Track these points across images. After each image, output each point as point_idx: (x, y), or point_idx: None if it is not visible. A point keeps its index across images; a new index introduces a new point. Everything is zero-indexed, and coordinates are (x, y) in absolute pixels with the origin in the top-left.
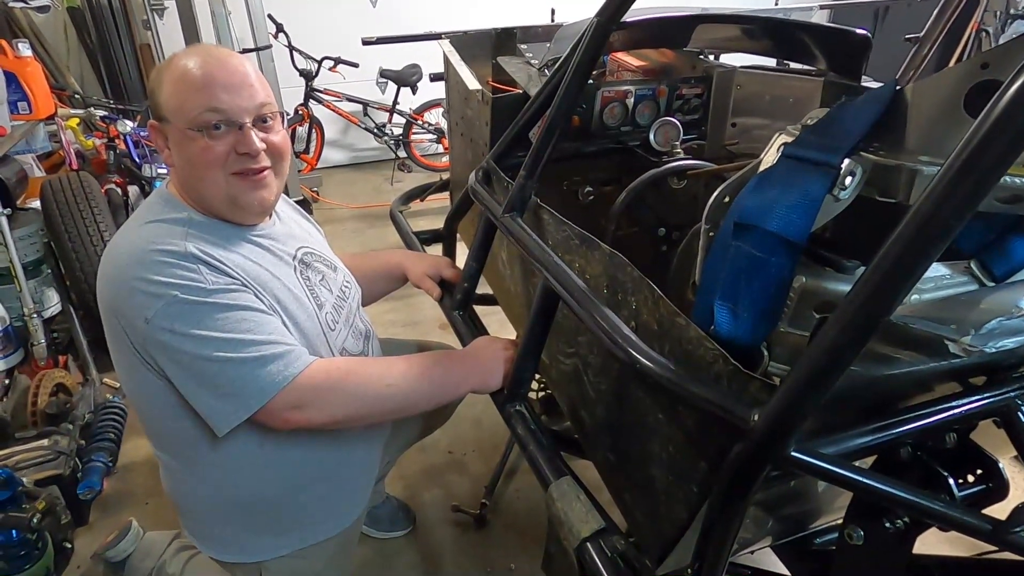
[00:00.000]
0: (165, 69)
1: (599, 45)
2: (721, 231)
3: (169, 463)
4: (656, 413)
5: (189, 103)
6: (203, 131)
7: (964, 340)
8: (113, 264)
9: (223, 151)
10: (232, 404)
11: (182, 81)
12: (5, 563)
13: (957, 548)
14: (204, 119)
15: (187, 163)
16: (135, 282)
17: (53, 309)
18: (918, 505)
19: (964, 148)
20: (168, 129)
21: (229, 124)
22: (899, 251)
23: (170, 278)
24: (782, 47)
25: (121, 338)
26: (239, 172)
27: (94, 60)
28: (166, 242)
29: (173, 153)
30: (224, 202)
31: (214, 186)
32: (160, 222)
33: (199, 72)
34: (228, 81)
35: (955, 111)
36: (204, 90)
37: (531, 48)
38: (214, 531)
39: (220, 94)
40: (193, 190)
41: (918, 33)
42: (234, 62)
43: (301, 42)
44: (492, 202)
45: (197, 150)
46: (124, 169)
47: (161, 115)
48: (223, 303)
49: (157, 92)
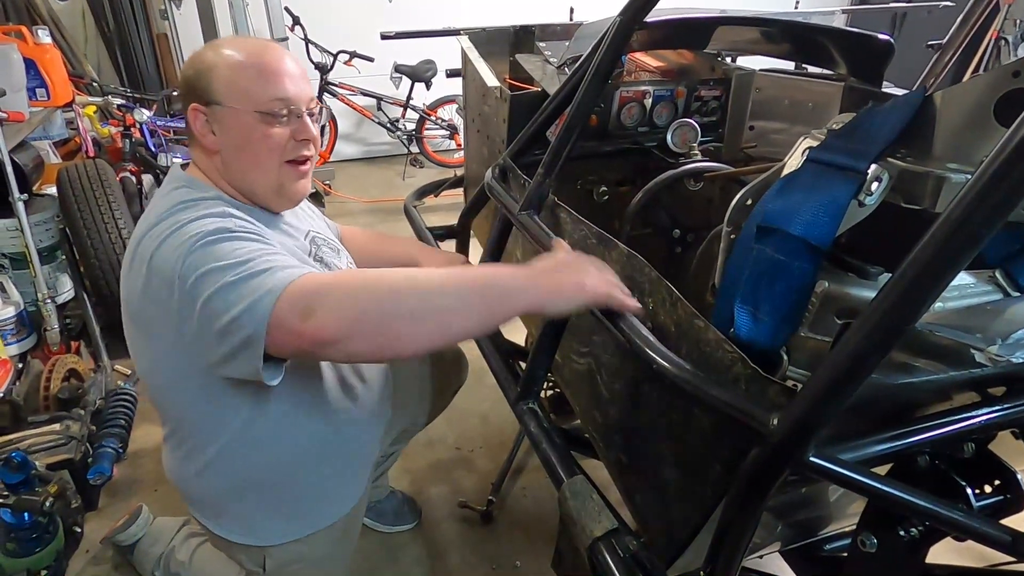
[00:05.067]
0: (215, 55)
1: (621, 44)
2: (743, 234)
3: (186, 446)
4: (671, 415)
5: (257, 89)
6: (270, 117)
7: (991, 350)
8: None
9: (285, 138)
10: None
11: (250, 68)
12: (17, 545)
13: (965, 559)
14: (272, 106)
15: (242, 147)
16: (171, 247)
17: (67, 295)
18: (937, 514)
19: (996, 156)
20: (221, 113)
21: (292, 113)
22: (927, 258)
23: (199, 229)
24: (802, 51)
25: (153, 306)
26: (292, 160)
27: (111, 48)
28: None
29: (221, 137)
30: (270, 189)
31: (266, 173)
32: (189, 200)
33: (267, 60)
34: (293, 72)
35: (985, 119)
36: (274, 78)
37: (549, 46)
38: (224, 511)
39: (288, 84)
40: (238, 173)
41: (938, 39)
42: (291, 56)
43: (317, 35)
44: (509, 199)
45: (259, 135)
46: (139, 158)
47: (211, 99)
48: (237, 235)
49: (206, 76)
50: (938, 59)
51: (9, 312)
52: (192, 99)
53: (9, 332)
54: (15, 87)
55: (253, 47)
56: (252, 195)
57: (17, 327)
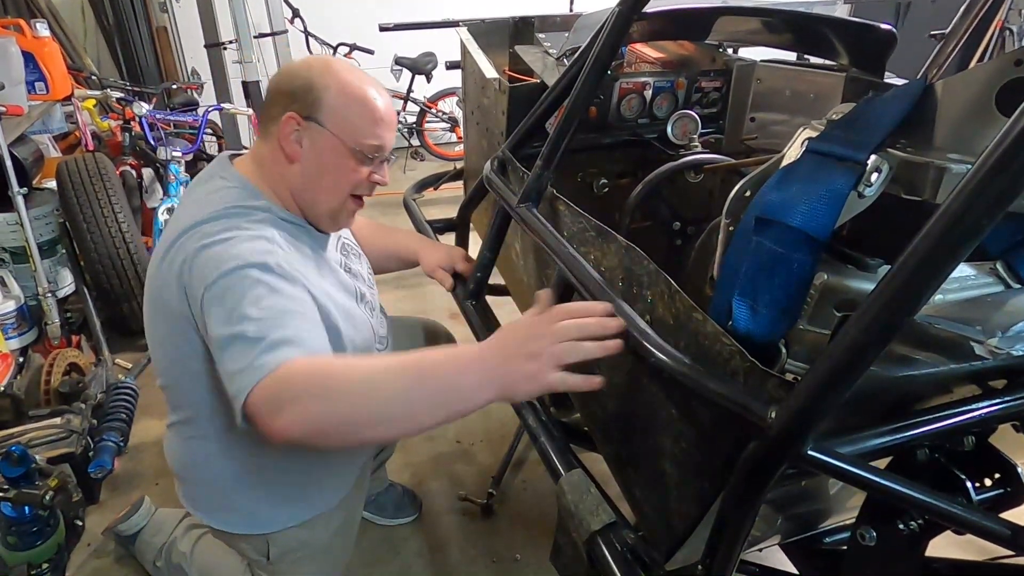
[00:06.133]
0: (331, 76)
1: (620, 34)
2: (742, 226)
3: (196, 437)
4: (669, 408)
5: (363, 129)
6: (362, 156)
7: (991, 342)
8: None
9: (364, 176)
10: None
11: (363, 105)
12: (18, 539)
13: (967, 552)
14: (369, 149)
15: (324, 171)
16: (210, 257)
17: (67, 289)
18: (936, 508)
19: (997, 146)
20: (318, 133)
21: (378, 158)
22: (927, 250)
23: (243, 252)
24: (804, 41)
25: (180, 301)
26: (358, 195)
27: (111, 42)
28: (251, 228)
29: (308, 153)
30: (328, 213)
31: (333, 199)
32: (240, 208)
33: (380, 105)
34: (393, 123)
35: (987, 108)
36: (380, 124)
37: (549, 37)
38: (226, 504)
39: (387, 133)
40: (307, 190)
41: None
42: (392, 106)
43: (317, 28)
44: (507, 192)
45: (347, 168)
46: (139, 151)
47: (314, 116)
48: (267, 280)
49: (317, 93)
50: (941, 49)
51: (10, 306)
52: (293, 107)
53: (10, 326)
54: (14, 81)
55: (370, 86)
56: (307, 210)
57: (18, 321)
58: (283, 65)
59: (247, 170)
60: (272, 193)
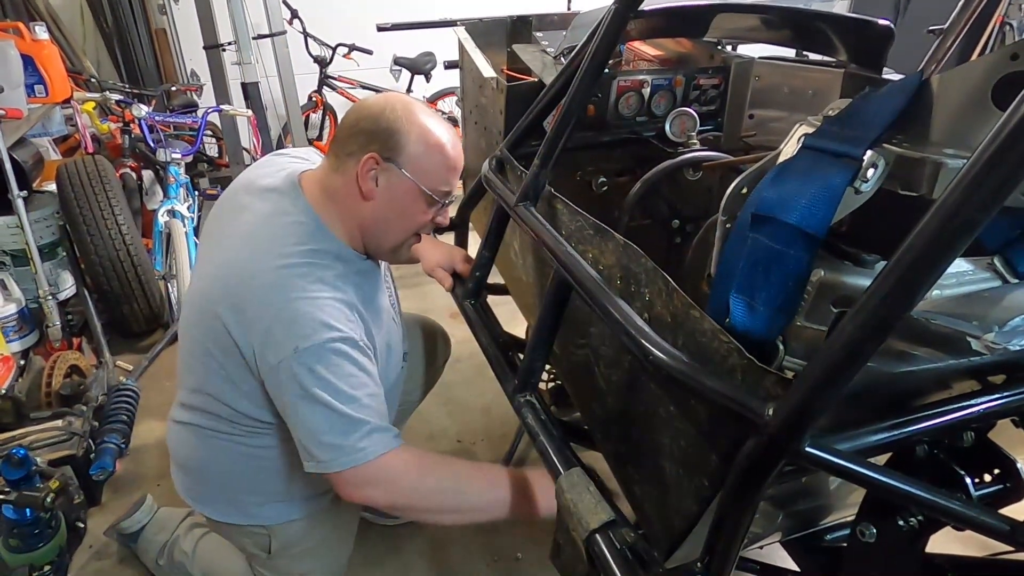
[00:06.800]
0: (413, 121)
1: (617, 32)
2: (738, 223)
3: (210, 434)
4: (668, 405)
5: (438, 175)
6: (432, 200)
7: (988, 337)
8: (271, 284)
9: (430, 218)
10: (312, 462)
11: (440, 153)
12: (19, 541)
13: (968, 548)
14: (439, 195)
15: (396, 211)
16: (303, 315)
17: (68, 291)
18: (935, 504)
19: (992, 141)
20: (395, 175)
21: (447, 200)
22: (922, 245)
23: (336, 322)
24: (802, 37)
25: (232, 342)
26: (419, 234)
27: (110, 44)
28: (335, 285)
29: (384, 192)
30: (390, 247)
31: (398, 236)
32: (315, 252)
33: (454, 154)
34: (461, 166)
35: (983, 103)
36: (452, 171)
37: (547, 36)
38: (227, 496)
39: (455, 178)
40: (377, 226)
41: (941, 25)
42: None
43: (315, 28)
44: (506, 191)
45: (418, 211)
46: (139, 153)
47: (394, 158)
48: (360, 361)
49: (399, 137)
50: (939, 44)
51: (11, 309)
52: (374, 147)
53: (11, 329)
54: (13, 84)
55: (448, 135)
56: (371, 243)
57: (19, 324)
58: (362, 101)
59: (316, 200)
60: (341, 228)
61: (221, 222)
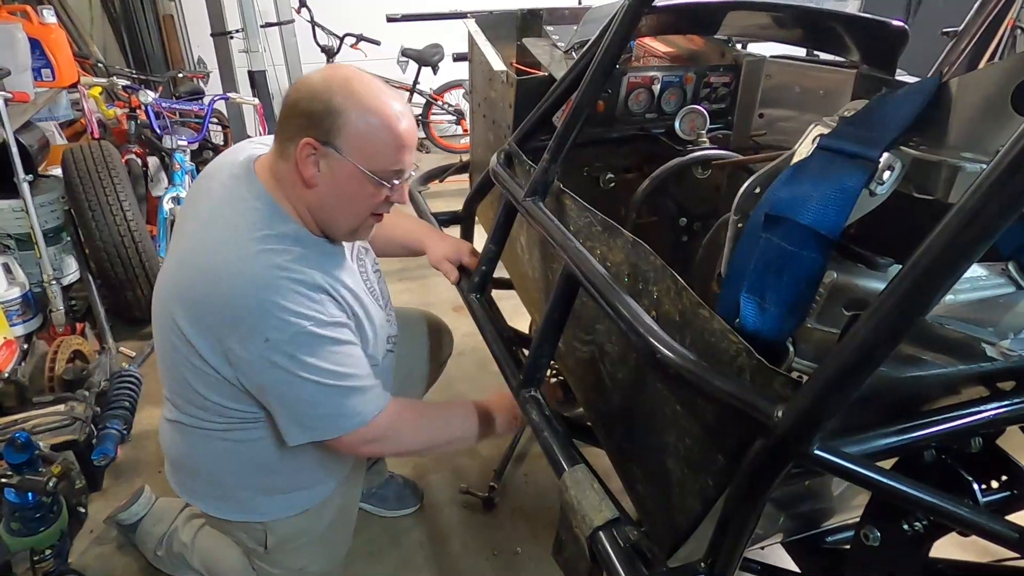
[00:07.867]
0: (349, 100)
1: (630, 27)
2: (751, 222)
3: (198, 431)
4: (674, 404)
5: (385, 155)
6: (382, 182)
7: (1003, 344)
8: (230, 277)
9: (383, 198)
10: (309, 432)
11: (386, 132)
12: (21, 525)
13: (969, 553)
14: (389, 175)
15: (343, 196)
16: (268, 305)
17: (72, 276)
18: (942, 509)
19: (1013, 146)
20: (336, 159)
21: (399, 179)
22: (940, 249)
23: (302, 307)
24: (814, 37)
25: (203, 338)
26: (377, 213)
27: (117, 29)
28: (294, 269)
29: (325, 178)
30: (347, 230)
31: (352, 219)
32: (272, 238)
33: (402, 129)
34: (414, 142)
35: (1002, 107)
36: (401, 152)
37: (557, 30)
38: (222, 493)
39: (407, 155)
40: (326, 212)
41: (953, 27)
42: (414, 122)
43: (323, 18)
44: (514, 185)
45: (365, 193)
46: (144, 140)
47: (331, 143)
48: (336, 337)
49: (335, 119)
50: (953, 47)
51: (15, 293)
52: (309, 132)
53: (15, 313)
54: (20, 67)
55: (390, 111)
56: (325, 227)
57: (23, 308)
58: (302, 79)
59: (269, 184)
60: (294, 211)
61: (185, 211)
